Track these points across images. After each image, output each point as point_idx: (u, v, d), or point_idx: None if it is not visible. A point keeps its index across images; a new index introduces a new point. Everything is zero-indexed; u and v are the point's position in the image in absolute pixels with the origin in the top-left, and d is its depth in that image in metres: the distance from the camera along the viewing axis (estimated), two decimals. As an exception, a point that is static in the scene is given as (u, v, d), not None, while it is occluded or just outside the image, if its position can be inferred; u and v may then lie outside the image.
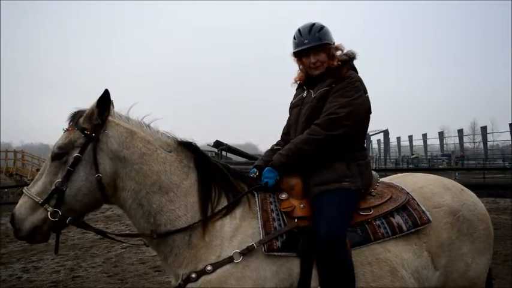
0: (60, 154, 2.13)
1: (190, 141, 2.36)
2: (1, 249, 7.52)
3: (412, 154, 44.62)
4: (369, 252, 2.23)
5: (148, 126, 2.32)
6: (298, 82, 2.68)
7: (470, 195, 2.62)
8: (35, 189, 2.11)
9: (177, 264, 2.16)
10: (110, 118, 2.21)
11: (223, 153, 22.66)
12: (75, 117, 2.22)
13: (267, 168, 2.34)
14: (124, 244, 5.37)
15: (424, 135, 45.78)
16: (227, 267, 2.05)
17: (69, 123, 2.22)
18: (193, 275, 2.06)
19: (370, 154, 41.71)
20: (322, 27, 2.48)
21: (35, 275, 6.00)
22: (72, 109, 2.27)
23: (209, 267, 2.04)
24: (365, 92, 2.45)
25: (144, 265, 6.41)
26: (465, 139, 43.31)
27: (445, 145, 45.44)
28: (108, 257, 6.96)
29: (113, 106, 2.28)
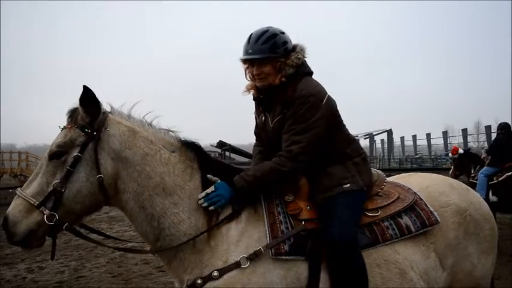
0: (59, 153, 2.02)
1: (194, 140, 2.29)
2: (5, 249, 7.52)
3: (416, 154, 44.44)
4: (377, 254, 2.18)
5: (150, 124, 2.25)
6: (252, 94, 2.43)
7: (475, 195, 2.62)
8: (30, 190, 2.00)
9: (181, 269, 2.11)
10: (110, 116, 2.13)
11: (227, 153, 22.68)
12: (74, 114, 2.10)
13: (222, 184, 2.13)
14: (128, 244, 5.37)
15: (428, 135, 45.49)
16: (234, 272, 1.99)
17: (68, 120, 2.11)
18: (199, 281, 2.01)
19: (374, 154, 41.55)
20: (273, 36, 2.21)
21: (40, 275, 6.03)
22: (70, 105, 2.13)
23: (215, 273, 1.99)
24: (321, 100, 2.18)
25: (148, 265, 6.43)
26: (469, 138, 43.07)
27: (449, 144, 45.04)
28: (112, 257, 6.98)
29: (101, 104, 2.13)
